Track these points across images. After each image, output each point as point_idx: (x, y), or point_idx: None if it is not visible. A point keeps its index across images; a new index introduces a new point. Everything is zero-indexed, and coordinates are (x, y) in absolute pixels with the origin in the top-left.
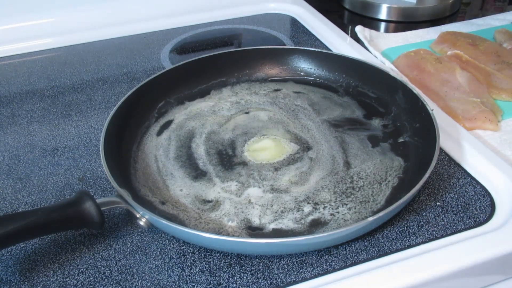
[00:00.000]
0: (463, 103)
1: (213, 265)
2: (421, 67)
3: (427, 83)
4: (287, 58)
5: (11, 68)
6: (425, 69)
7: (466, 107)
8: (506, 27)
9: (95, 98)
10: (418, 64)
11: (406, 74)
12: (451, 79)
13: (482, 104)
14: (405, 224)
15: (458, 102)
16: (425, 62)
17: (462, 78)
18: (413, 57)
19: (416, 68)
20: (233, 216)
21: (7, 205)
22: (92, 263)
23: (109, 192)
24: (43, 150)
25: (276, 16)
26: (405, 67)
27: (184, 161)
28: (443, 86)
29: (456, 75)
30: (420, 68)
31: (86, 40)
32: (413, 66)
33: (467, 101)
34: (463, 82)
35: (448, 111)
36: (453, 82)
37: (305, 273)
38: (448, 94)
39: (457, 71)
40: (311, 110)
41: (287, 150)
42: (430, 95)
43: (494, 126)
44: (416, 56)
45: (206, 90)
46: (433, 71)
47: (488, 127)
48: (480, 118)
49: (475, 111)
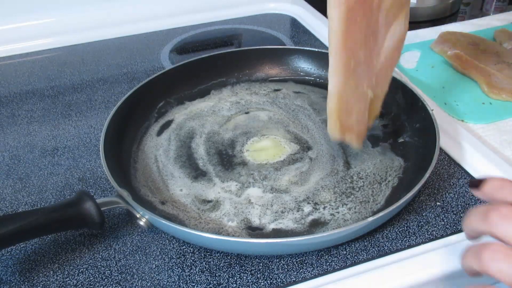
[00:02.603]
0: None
1: (213, 265)
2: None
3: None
4: (287, 58)
5: (11, 68)
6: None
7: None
8: (506, 27)
9: (95, 98)
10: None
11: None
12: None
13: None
14: (405, 224)
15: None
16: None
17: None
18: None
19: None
20: (233, 216)
21: (7, 205)
22: (92, 263)
23: (109, 192)
24: (43, 150)
25: (276, 16)
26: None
27: (184, 161)
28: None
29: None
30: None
31: (86, 40)
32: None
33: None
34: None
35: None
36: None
37: (305, 273)
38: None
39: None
40: (311, 110)
41: (287, 150)
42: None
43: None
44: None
45: (206, 90)
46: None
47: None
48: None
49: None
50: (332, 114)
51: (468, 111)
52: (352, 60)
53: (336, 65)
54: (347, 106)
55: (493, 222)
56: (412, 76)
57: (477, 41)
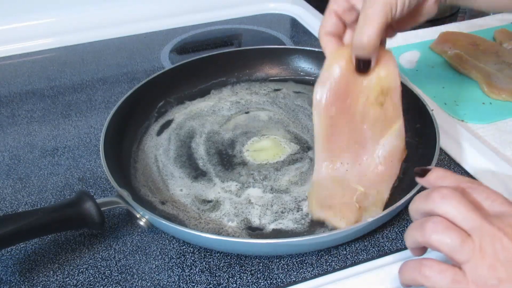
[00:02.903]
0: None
1: (213, 265)
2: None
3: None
4: (287, 58)
5: (11, 68)
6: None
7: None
8: (506, 27)
9: (95, 98)
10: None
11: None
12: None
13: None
14: (405, 224)
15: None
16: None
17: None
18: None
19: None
20: (233, 216)
21: (7, 205)
22: (92, 263)
23: (109, 192)
24: (43, 150)
25: (276, 16)
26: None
27: (184, 161)
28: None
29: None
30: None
31: (86, 40)
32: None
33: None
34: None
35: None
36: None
37: (305, 273)
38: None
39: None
40: (311, 110)
41: (287, 150)
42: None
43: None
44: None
45: (206, 89)
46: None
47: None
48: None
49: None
50: (310, 195)
51: (468, 111)
52: (335, 159)
53: (317, 159)
54: (328, 192)
55: (435, 201)
56: (412, 76)
57: (477, 41)
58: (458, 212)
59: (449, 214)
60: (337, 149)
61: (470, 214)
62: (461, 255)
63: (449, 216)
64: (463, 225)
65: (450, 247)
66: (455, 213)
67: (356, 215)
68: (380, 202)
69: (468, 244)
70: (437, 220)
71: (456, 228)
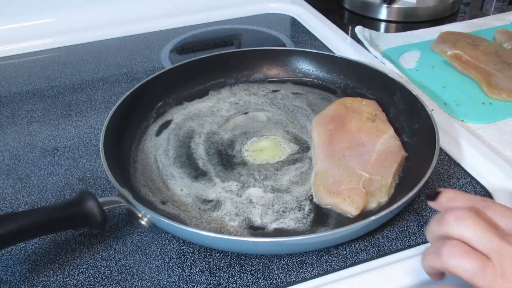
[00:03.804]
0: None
1: (213, 265)
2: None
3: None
4: (285, 59)
5: (11, 68)
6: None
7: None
8: (506, 27)
9: (95, 98)
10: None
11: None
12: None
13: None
14: (405, 224)
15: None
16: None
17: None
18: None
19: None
20: (235, 216)
21: (7, 205)
22: (92, 263)
23: (109, 192)
24: (43, 150)
25: (276, 16)
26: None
27: (183, 161)
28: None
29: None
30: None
31: (86, 40)
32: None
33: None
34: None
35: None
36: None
37: (305, 273)
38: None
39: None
40: (309, 110)
41: (286, 151)
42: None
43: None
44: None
45: (205, 90)
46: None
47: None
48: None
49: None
50: (316, 184)
51: (468, 111)
52: (337, 155)
53: (319, 158)
54: (334, 179)
55: (449, 224)
56: (412, 76)
57: (477, 41)
58: (474, 234)
59: (465, 236)
60: (338, 149)
61: (487, 235)
62: (483, 281)
63: (466, 238)
64: (480, 247)
65: (471, 273)
66: (471, 234)
67: (364, 199)
68: (385, 187)
69: (489, 268)
70: (454, 243)
71: (474, 251)
